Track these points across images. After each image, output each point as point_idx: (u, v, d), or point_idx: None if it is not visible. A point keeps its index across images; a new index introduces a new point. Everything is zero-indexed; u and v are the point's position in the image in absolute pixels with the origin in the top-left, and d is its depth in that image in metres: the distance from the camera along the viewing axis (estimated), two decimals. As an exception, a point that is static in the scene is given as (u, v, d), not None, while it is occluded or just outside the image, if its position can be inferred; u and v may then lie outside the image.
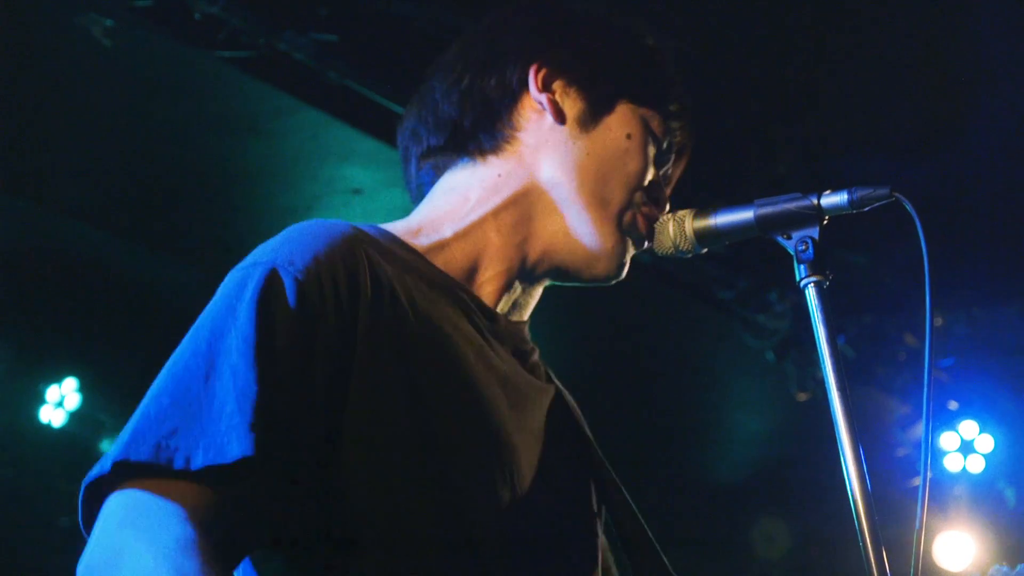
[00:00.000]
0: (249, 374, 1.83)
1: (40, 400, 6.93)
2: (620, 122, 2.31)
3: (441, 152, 2.34)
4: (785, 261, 2.20)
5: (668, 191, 2.39)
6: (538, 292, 2.38)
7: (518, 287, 2.32)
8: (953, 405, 8.08)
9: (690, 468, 9.25)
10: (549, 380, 2.38)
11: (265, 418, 1.81)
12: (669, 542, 2.54)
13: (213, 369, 1.86)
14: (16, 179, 5.89)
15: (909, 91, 5.98)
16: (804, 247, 2.15)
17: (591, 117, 2.30)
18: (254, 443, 1.78)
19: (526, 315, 2.37)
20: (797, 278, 2.16)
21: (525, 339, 2.34)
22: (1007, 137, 5.97)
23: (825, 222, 2.18)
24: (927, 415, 2.17)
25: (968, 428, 8.11)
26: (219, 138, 5.58)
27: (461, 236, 2.26)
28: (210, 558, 1.72)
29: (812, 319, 2.13)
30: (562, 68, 2.32)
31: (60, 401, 6.96)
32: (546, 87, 2.31)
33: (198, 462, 1.79)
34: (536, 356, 2.36)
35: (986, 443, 8.14)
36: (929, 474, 6.49)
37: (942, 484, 8.34)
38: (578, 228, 2.28)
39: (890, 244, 6.36)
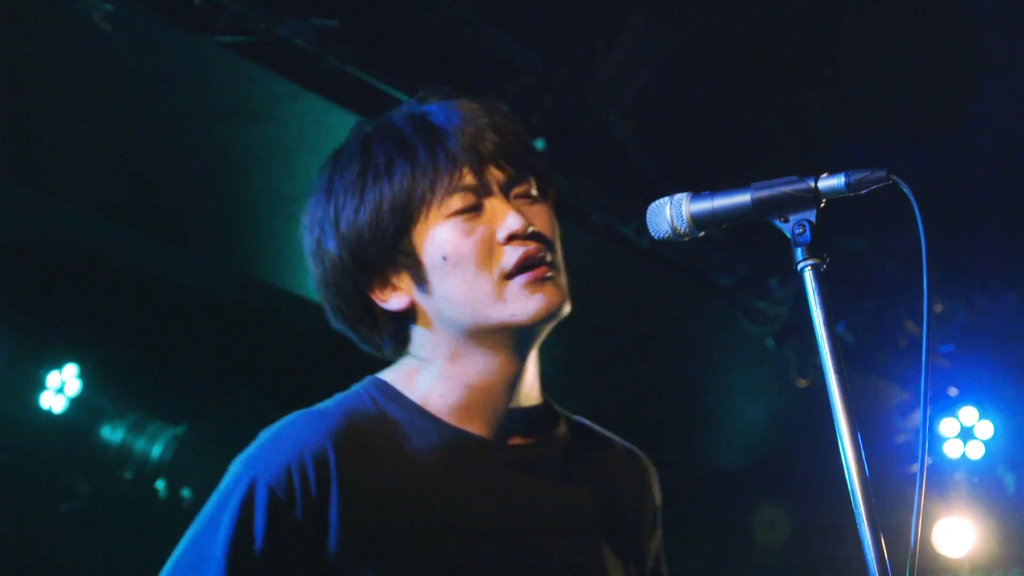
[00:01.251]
0: None
1: (40, 386, 6.91)
2: (430, 251, 2.35)
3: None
4: (786, 246, 2.19)
5: (516, 216, 2.36)
6: (532, 373, 2.47)
7: (507, 400, 2.42)
8: (953, 391, 8.12)
9: (690, 455, 9.25)
10: (573, 473, 2.50)
11: None
12: (669, 529, 2.56)
13: None
14: (15, 167, 5.86)
15: (909, 78, 5.99)
16: (801, 230, 2.15)
17: (417, 282, 2.37)
18: None
19: (536, 396, 2.49)
20: (794, 261, 2.15)
21: (534, 452, 2.46)
22: (1008, 124, 5.96)
23: (822, 205, 2.17)
24: (924, 401, 2.20)
25: (968, 414, 8.16)
26: (219, 125, 5.57)
27: (434, 395, 2.39)
28: None
29: (809, 302, 2.12)
30: (375, 279, 2.40)
31: (60, 387, 6.94)
32: (384, 295, 2.40)
33: None
34: (554, 451, 2.49)
35: (985, 429, 8.19)
36: (928, 460, 6.50)
37: (941, 470, 8.40)
38: (498, 330, 2.35)
39: (890, 230, 6.36)
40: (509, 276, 2.32)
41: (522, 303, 2.32)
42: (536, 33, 5.41)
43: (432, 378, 2.39)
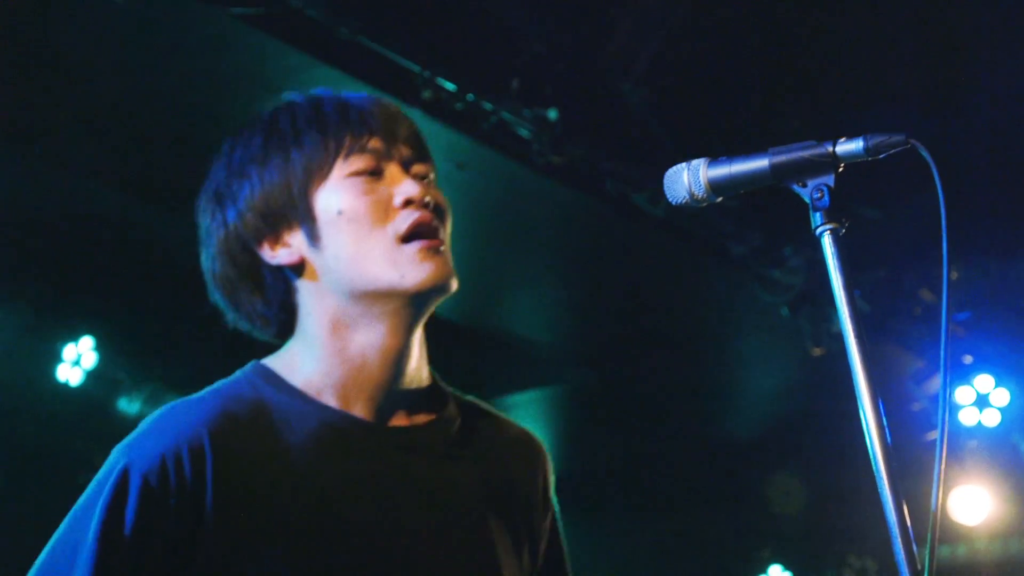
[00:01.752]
0: None
1: (57, 359, 6.98)
2: (326, 206, 2.37)
3: (278, 332, 2.49)
4: (800, 215, 2.18)
5: (416, 183, 2.41)
6: (416, 355, 2.45)
7: (394, 379, 2.41)
8: (968, 359, 8.11)
9: (705, 424, 9.28)
10: (461, 453, 2.49)
11: None
12: (687, 496, 2.57)
13: (72, 570, 2.17)
14: (33, 142, 5.90)
15: (926, 43, 5.97)
16: (820, 195, 2.13)
17: (309, 235, 2.38)
18: None
19: (424, 377, 2.49)
20: (813, 226, 2.14)
21: (420, 434, 2.44)
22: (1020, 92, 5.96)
23: (840, 169, 2.15)
24: (944, 369, 2.15)
25: (983, 382, 8.15)
26: (232, 96, 5.54)
27: (318, 373, 2.38)
28: None
29: (828, 267, 2.11)
30: (264, 230, 2.40)
31: (77, 360, 7.00)
32: (273, 248, 2.40)
33: None
34: (436, 435, 2.47)
35: (1002, 397, 8.18)
36: (933, 432, 6.47)
37: (957, 438, 8.41)
38: (383, 296, 2.35)
39: (905, 198, 6.35)
40: (404, 240, 2.33)
41: (414, 268, 2.33)
42: (541, 9, 5.40)
43: (315, 358, 2.38)
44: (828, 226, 2.12)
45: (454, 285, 2.39)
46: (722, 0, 5.63)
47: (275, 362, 2.41)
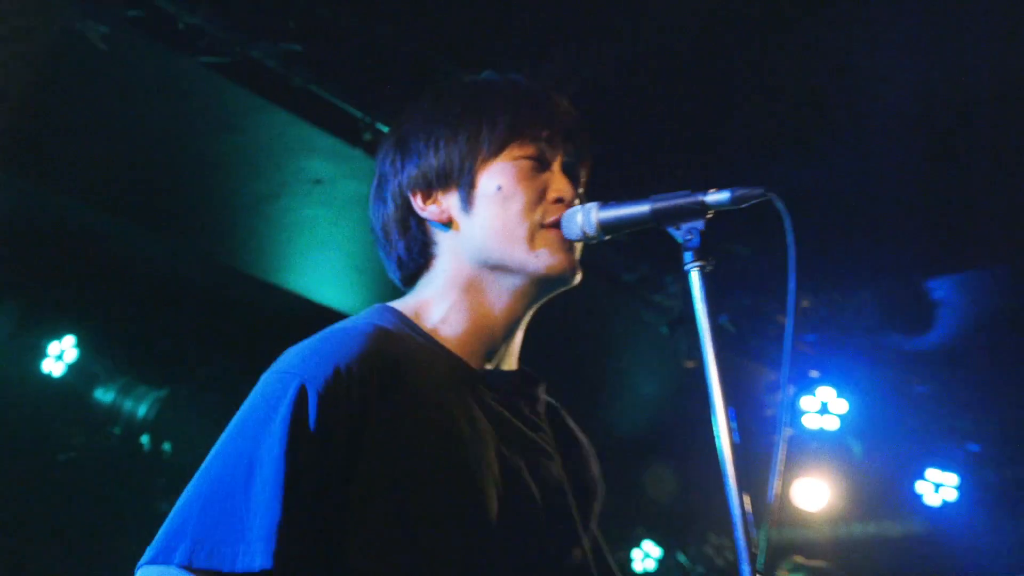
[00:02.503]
0: (277, 497, 1.92)
1: (42, 354, 6.79)
2: (486, 180, 2.29)
3: (406, 276, 2.39)
4: (678, 249, 2.18)
5: (571, 187, 2.33)
6: (519, 338, 2.37)
7: (500, 348, 2.33)
8: (814, 373, 8.16)
9: (595, 423, 9.19)
10: (546, 423, 2.39)
11: (285, 537, 1.90)
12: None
13: (250, 482, 1.96)
14: (23, 164, 5.72)
15: (789, 102, 5.97)
16: (691, 237, 2.13)
17: (464, 200, 2.29)
18: (273, 558, 1.89)
19: (514, 362, 2.37)
20: (683, 263, 2.14)
21: (519, 389, 2.35)
22: (868, 144, 5.99)
23: (709, 216, 2.15)
24: (785, 380, 2.26)
25: (826, 393, 8.22)
26: (199, 132, 5.49)
27: (442, 325, 2.28)
28: None
29: (693, 299, 2.11)
30: (423, 181, 2.32)
31: (60, 355, 6.83)
32: (425, 202, 2.32)
33: (236, 567, 1.91)
34: (536, 402, 2.38)
35: (841, 406, 8.25)
36: (790, 431, 6.48)
37: (802, 439, 8.45)
38: (515, 266, 2.27)
39: (769, 237, 6.31)
40: (545, 227, 2.26)
41: (548, 254, 2.26)
42: (471, 60, 5.34)
43: (442, 309, 2.28)
44: (696, 264, 2.13)
45: (578, 278, 2.32)
46: (621, 67, 5.57)
47: (403, 307, 2.32)
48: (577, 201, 2.30)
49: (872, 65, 5.59)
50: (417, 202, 2.32)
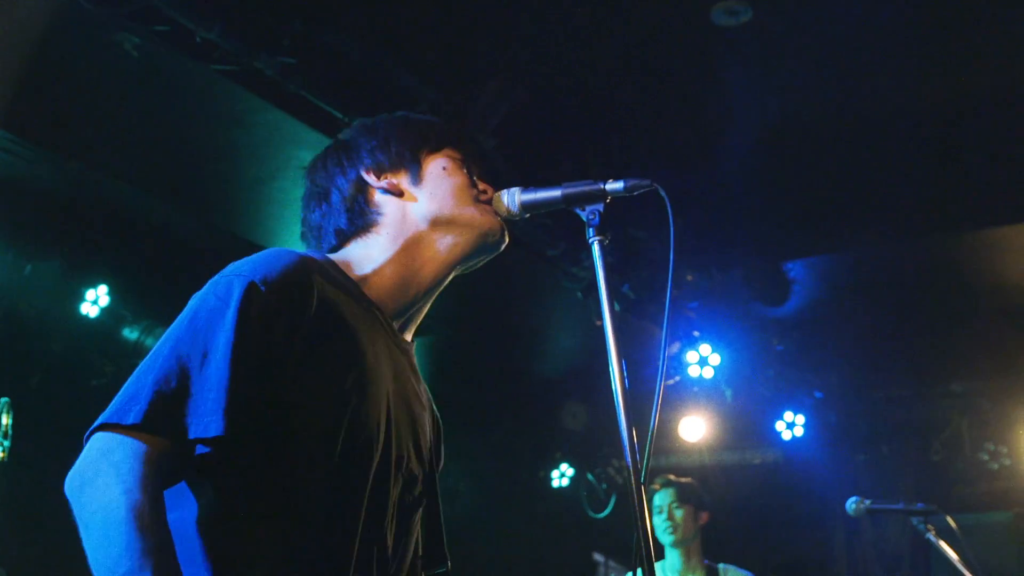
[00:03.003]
0: (227, 371, 1.83)
1: (81, 299, 6.78)
2: (431, 165, 2.29)
3: (340, 243, 2.28)
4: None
5: (485, 184, 2.34)
6: (426, 308, 2.29)
7: (411, 310, 2.25)
8: (696, 333, 8.21)
9: (524, 368, 9.31)
10: (420, 380, 2.32)
11: (234, 406, 1.81)
12: (506, 418, 2.52)
13: (205, 362, 1.85)
14: (69, 146, 5.71)
15: (672, 124, 6.03)
16: (593, 216, 2.16)
17: (413, 176, 2.27)
18: (224, 425, 1.80)
19: (414, 328, 2.30)
20: (587, 238, 2.17)
21: (411, 353, 2.27)
22: (738, 153, 6.05)
23: (608, 201, 2.18)
24: (664, 337, 2.28)
25: (704, 348, 8.28)
26: (210, 125, 5.46)
27: (372, 276, 2.18)
28: (151, 487, 1.77)
29: (595, 267, 2.14)
30: (376, 163, 2.28)
31: (95, 300, 6.82)
32: (379, 178, 2.27)
33: (191, 433, 1.81)
34: (415, 367, 2.29)
35: (716, 359, 8.31)
36: (675, 379, 6.53)
37: (686, 385, 8.52)
38: (458, 226, 2.24)
39: (663, 224, 6.41)
40: (482, 202, 2.27)
41: (488, 217, 2.25)
42: (431, 75, 5.39)
43: (380, 261, 2.19)
44: (597, 238, 2.16)
45: (504, 244, 2.29)
46: (544, 89, 5.62)
47: (335, 257, 2.20)
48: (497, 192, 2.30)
49: (733, 94, 5.67)
50: (370, 178, 2.26)
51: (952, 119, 5.88)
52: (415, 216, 2.23)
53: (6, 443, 4.63)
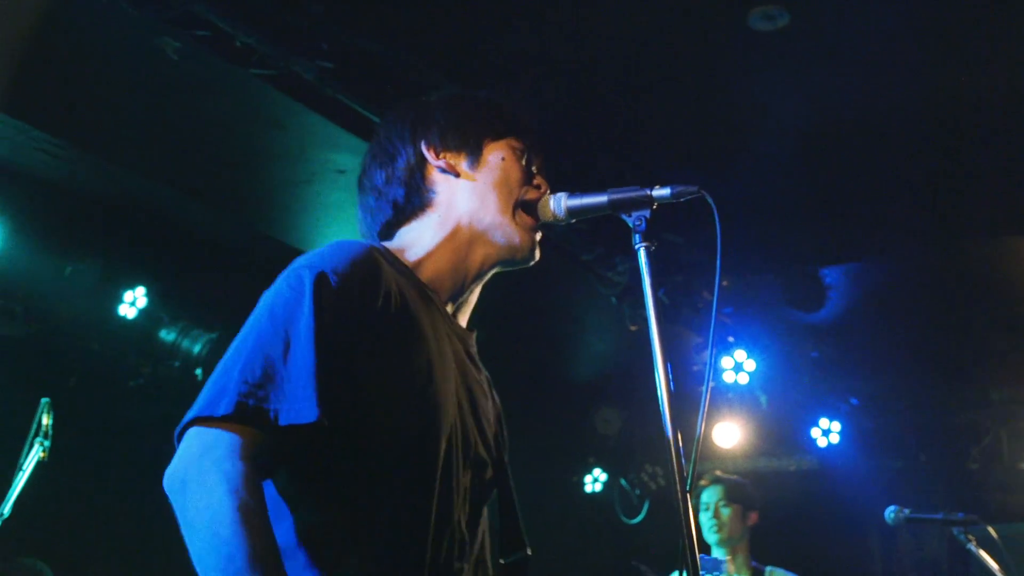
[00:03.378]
0: (312, 357, 1.85)
1: (119, 300, 6.82)
2: (492, 153, 2.31)
3: (395, 220, 2.32)
4: (627, 236, 2.20)
5: (542, 177, 2.37)
6: (476, 296, 2.35)
7: (462, 295, 2.30)
8: (731, 339, 8.19)
9: (557, 373, 9.30)
10: (480, 369, 2.35)
11: (324, 392, 1.83)
12: (539, 423, 2.52)
13: (289, 351, 1.87)
14: (109, 148, 5.75)
15: (708, 127, 6.02)
16: (640, 223, 2.16)
17: (472, 160, 2.30)
18: (319, 410, 1.82)
19: (467, 316, 2.34)
20: (634, 244, 2.17)
21: (468, 335, 2.31)
22: (774, 159, 6.02)
23: (655, 207, 2.18)
24: (712, 344, 2.41)
25: (740, 354, 8.25)
26: (250, 128, 5.48)
27: (425, 259, 2.23)
28: (254, 486, 1.78)
29: (641, 273, 2.14)
30: (440, 141, 2.31)
31: (133, 302, 6.86)
32: (438, 156, 2.30)
33: (283, 420, 1.81)
34: (475, 349, 2.33)
35: (751, 365, 8.28)
36: (712, 384, 6.51)
37: (721, 391, 8.50)
38: (496, 235, 2.26)
39: (697, 229, 6.41)
40: (524, 207, 2.28)
41: (521, 236, 2.27)
42: (465, 78, 5.39)
43: (431, 246, 2.24)
44: (643, 244, 2.15)
45: (535, 259, 2.32)
46: (576, 93, 5.61)
47: (388, 245, 2.25)
48: (548, 193, 2.32)
49: (769, 99, 5.65)
50: (430, 155, 2.29)
51: (991, 122, 5.82)
52: (461, 206, 2.27)
53: (46, 443, 4.69)
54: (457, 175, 2.28)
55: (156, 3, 4.43)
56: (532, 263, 2.32)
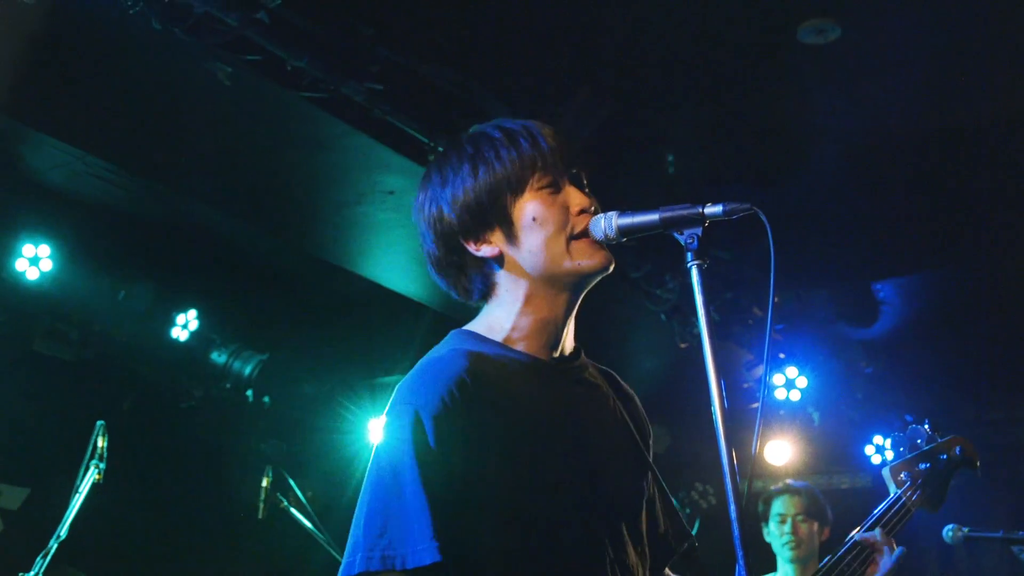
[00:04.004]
0: (423, 499, 1.94)
1: (171, 323, 6.93)
2: (522, 215, 2.22)
3: (475, 300, 2.32)
4: (676, 253, 2.16)
5: (583, 196, 2.27)
6: (572, 324, 2.31)
7: (561, 337, 2.27)
8: (782, 355, 8.13)
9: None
10: (602, 385, 2.35)
11: (439, 530, 1.92)
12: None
13: (401, 497, 1.95)
14: (161, 173, 5.83)
15: (754, 141, 5.98)
16: (692, 240, 2.11)
17: (508, 232, 2.22)
18: (438, 551, 1.91)
19: (571, 342, 2.32)
20: (687, 262, 2.12)
21: (583, 366, 2.32)
22: (824, 172, 5.99)
23: (706, 224, 2.13)
24: (767, 361, 2.21)
25: (791, 371, 8.17)
26: (300, 150, 5.52)
27: (512, 333, 2.23)
28: None
29: (694, 291, 2.11)
30: (472, 229, 2.25)
31: (185, 324, 6.96)
32: (477, 247, 2.25)
33: (408, 565, 1.92)
34: (590, 375, 2.33)
35: (803, 381, 8.19)
36: (754, 403, 6.42)
37: (772, 408, 8.39)
38: (563, 277, 2.22)
39: (746, 245, 6.38)
40: (576, 238, 2.22)
41: (587, 257, 2.21)
42: (514, 98, 5.40)
43: (511, 320, 2.23)
44: (696, 262, 2.11)
45: (612, 267, 2.26)
46: (633, 104, 5.61)
47: (475, 326, 2.27)
48: (593, 205, 2.26)
49: (819, 112, 5.62)
50: (471, 245, 2.25)
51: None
52: (523, 275, 2.23)
53: (102, 465, 4.75)
54: (502, 257, 2.24)
55: (208, 30, 4.48)
56: (612, 268, 2.27)
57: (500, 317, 2.25)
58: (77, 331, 6.60)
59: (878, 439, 9.00)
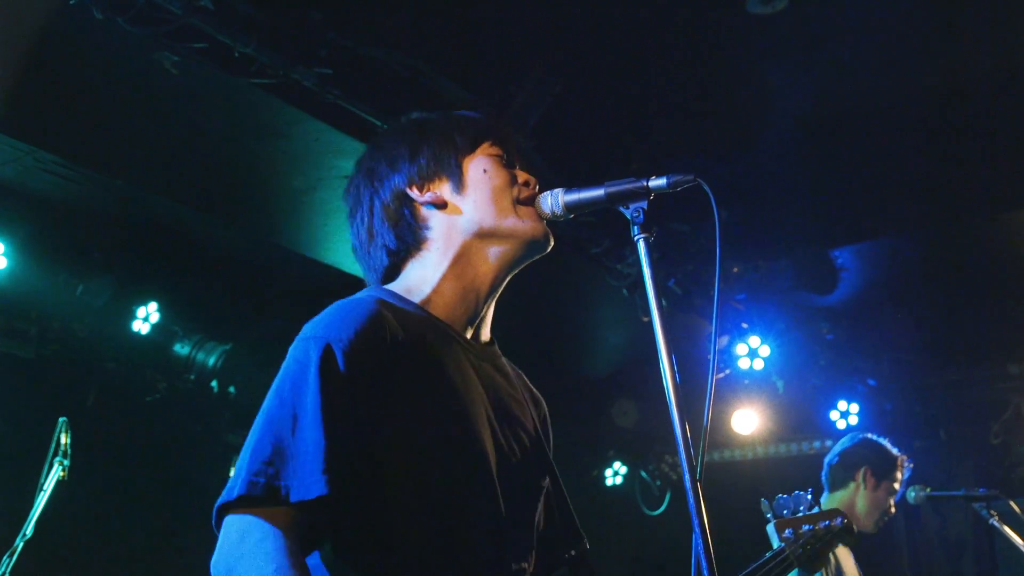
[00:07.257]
0: (320, 431, 1.86)
1: (132, 316, 6.87)
2: (473, 168, 2.25)
3: (395, 262, 2.27)
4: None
5: (527, 174, 2.31)
6: (492, 309, 2.29)
7: (479, 315, 2.25)
8: (744, 325, 8.17)
9: (570, 367, 9.29)
10: (514, 379, 2.33)
11: (333, 465, 1.85)
12: (555, 416, 2.50)
13: (297, 425, 1.89)
14: (114, 165, 5.75)
15: (711, 113, 5.99)
16: (637, 214, 2.12)
17: (456, 183, 2.24)
18: (327, 484, 1.84)
19: (487, 332, 2.30)
20: (632, 235, 2.13)
21: (496, 354, 2.31)
22: (779, 142, 6.01)
23: (652, 197, 2.14)
24: (715, 330, 2.28)
25: (754, 340, 8.23)
26: (253, 138, 5.47)
27: (434, 295, 2.19)
28: (298, 560, 1.82)
29: (641, 264, 2.11)
30: (419, 175, 2.25)
31: (146, 317, 6.91)
32: (422, 191, 2.24)
33: (293, 497, 1.85)
34: (501, 360, 2.32)
35: (765, 351, 8.25)
36: (726, 372, 6.41)
37: (736, 378, 8.48)
38: (502, 237, 2.22)
39: (706, 217, 6.39)
40: (523, 203, 2.23)
41: (530, 222, 2.22)
42: (468, 79, 5.38)
43: (436, 280, 2.20)
44: (642, 235, 2.12)
45: (551, 245, 2.26)
46: (583, 82, 5.60)
47: (394, 287, 2.22)
48: (537, 186, 2.27)
49: (771, 82, 5.63)
50: (414, 191, 2.23)
51: (997, 97, 5.79)
52: (461, 228, 2.22)
53: (66, 462, 4.71)
54: (445, 205, 2.24)
55: (152, 19, 4.40)
56: (549, 249, 2.27)
57: (423, 277, 2.22)
58: (36, 328, 6.53)
59: (842, 404, 9.11)
